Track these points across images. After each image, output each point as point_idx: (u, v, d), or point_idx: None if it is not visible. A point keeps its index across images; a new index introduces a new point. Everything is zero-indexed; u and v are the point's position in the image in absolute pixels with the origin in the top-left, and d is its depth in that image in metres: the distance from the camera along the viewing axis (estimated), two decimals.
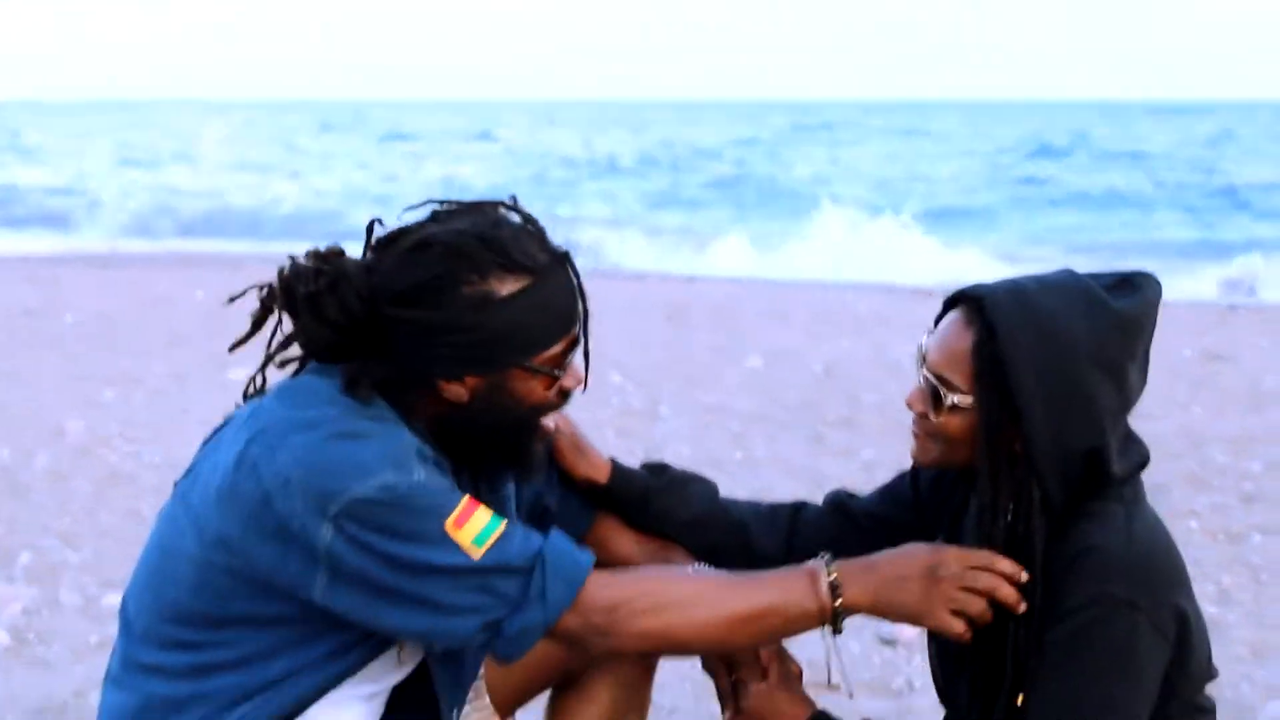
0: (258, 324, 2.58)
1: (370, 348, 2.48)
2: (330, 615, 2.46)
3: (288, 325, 2.57)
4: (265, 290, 2.55)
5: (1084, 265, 2.75)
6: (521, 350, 2.46)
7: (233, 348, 2.64)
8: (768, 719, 2.71)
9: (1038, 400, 2.48)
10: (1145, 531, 2.53)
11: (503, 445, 2.57)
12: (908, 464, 2.81)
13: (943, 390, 2.56)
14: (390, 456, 2.39)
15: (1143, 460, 2.61)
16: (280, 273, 2.52)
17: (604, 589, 2.44)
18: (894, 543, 2.85)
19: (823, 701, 4.79)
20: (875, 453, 8.97)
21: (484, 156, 46.81)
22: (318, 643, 2.50)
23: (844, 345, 13.21)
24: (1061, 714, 2.46)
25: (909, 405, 2.64)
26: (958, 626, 2.49)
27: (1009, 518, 2.53)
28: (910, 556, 2.52)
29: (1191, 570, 6.88)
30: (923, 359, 2.62)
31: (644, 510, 2.93)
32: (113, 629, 5.58)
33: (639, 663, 2.89)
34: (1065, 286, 2.54)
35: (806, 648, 5.64)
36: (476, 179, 34.90)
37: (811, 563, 2.50)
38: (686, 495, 2.95)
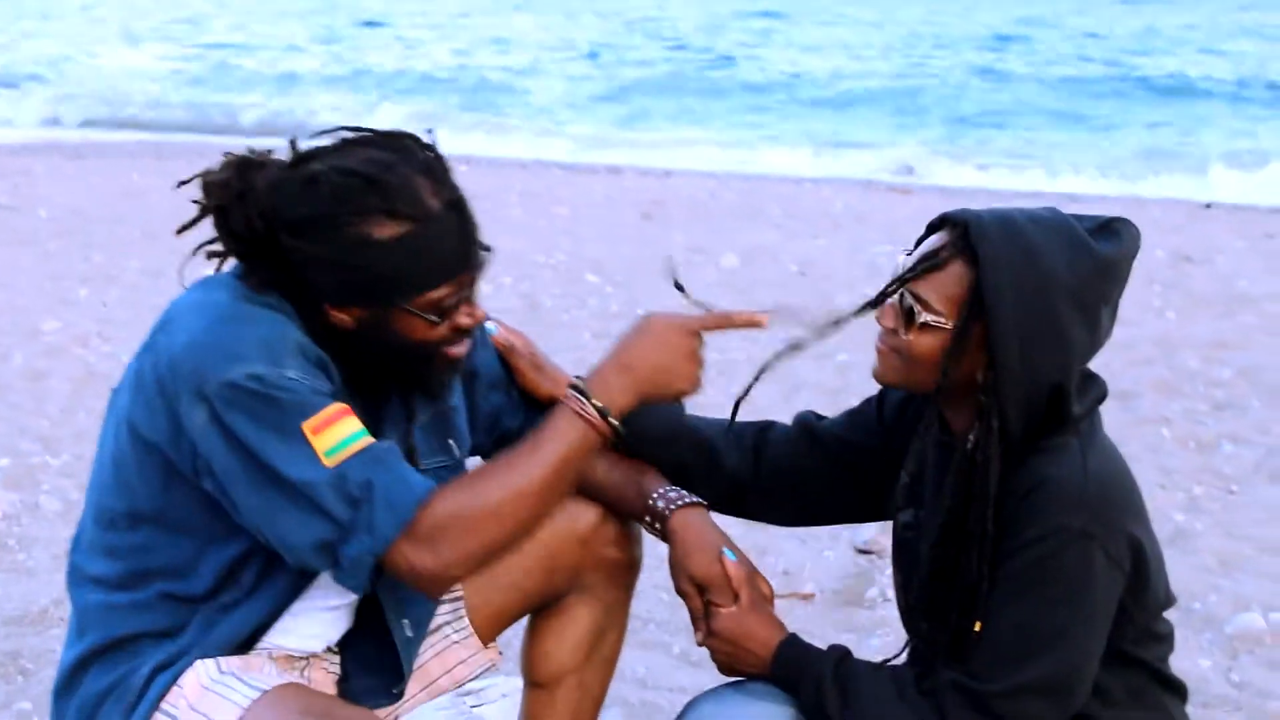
0: (202, 212, 2.65)
1: (274, 259, 2.56)
2: (230, 517, 2.54)
3: None
4: (202, 183, 2.65)
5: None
6: (398, 293, 2.51)
7: (179, 231, 2.71)
8: (739, 642, 2.75)
9: (1012, 330, 2.52)
10: (1100, 463, 2.58)
11: (395, 372, 2.63)
12: None
13: (917, 308, 2.59)
14: (267, 346, 2.47)
15: (1100, 396, 2.66)
16: (204, 174, 2.61)
17: (430, 517, 2.45)
18: (859, 468, 2.90)
19: (795, 614, 4.85)
20: (850, 356, 9.00)
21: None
22: (230, 544, 2.57)
23: (820, 244, 13.23)
24: (1016, 642, 2.52)
25: (879, 320, 2.67)
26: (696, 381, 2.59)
27: (967, 446, 2.57)
28: (648, 341, 2.59)
29: (1161, 479, 6.98)
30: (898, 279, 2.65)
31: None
32: None
33: (618, 584, 2.94)
34: (1051, 224, 2.57)
35: (783, 557, 5.72)
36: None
37: (568, 396, 2.54)
38: (652, 409, 2.97)
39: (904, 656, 2.82)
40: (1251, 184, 20.09)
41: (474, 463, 3.02)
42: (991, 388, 2.55)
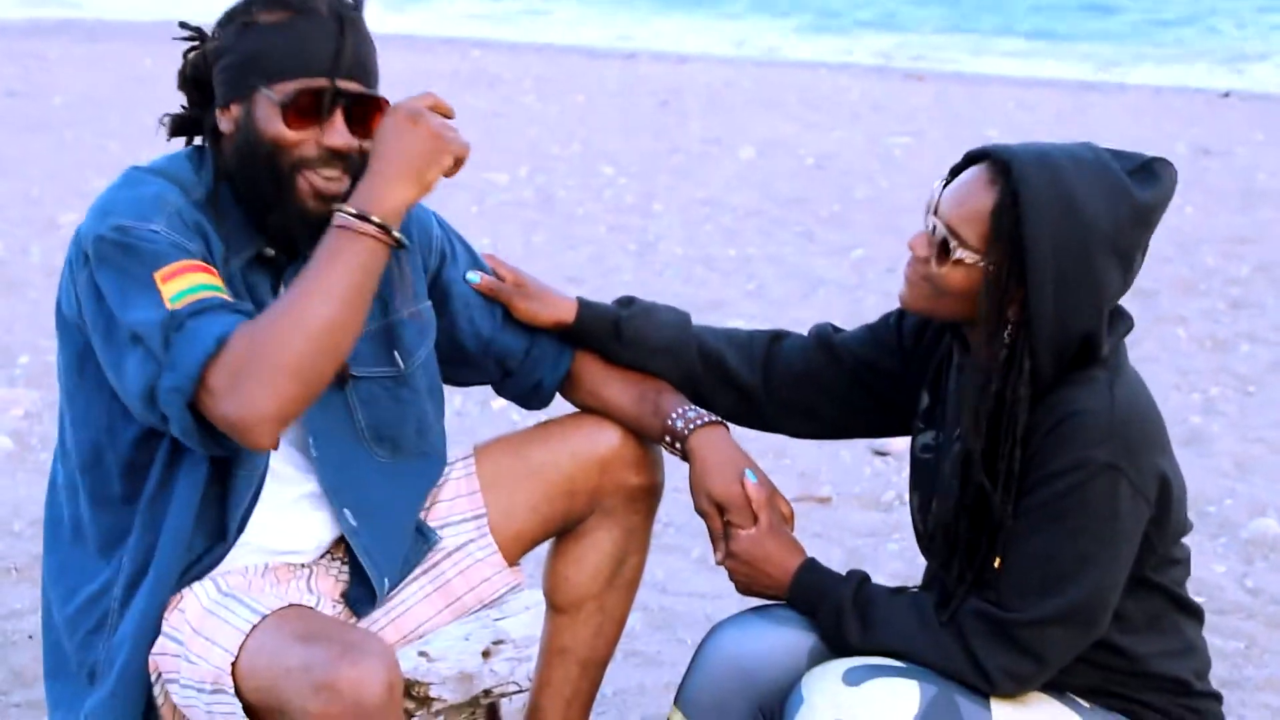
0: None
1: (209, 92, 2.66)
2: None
3: None
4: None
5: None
6: (261, 74, 2.57)
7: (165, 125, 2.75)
8: (759, 564, 2.77)
9: (1049, 273, 2.51)
10: (1127, 395, 2.58)
11: (255, 187, 2.61)
12: (898, 259, 2.83)
13: (953, 243, 2.58)
14: (139, 203, 2.54)
15: (1127, 329, 2.66)
16: (184, 55, 2.70)
17: (226, 357, 2.41)
18: (876, 386, 2.91)
19: (812, 517, 4.87)
20: (866, 251, 9.01)
21: None
22: (126, 428, 2.61)
23: (836, 136, 13.17)
24: (1041, 573, 2.54)
25: (911, 248, 2.66)
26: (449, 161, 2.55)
27: (992, 383, 2.58)
28: (387, 138, 2.54)
29: (1177, 380, 6.99)
30: (934, 207, 2.64)
31: (617, 339, 2.95)
32: None
33: (639, 509, 2.95)
34: (1092, 165, 2.55)
35: (799, 459, 5.75)
36: None
37: (334, 218, 2.51)
38: (657, 321, 2.96)
39: (919, 579, 2.84)
40: (1271, 72, 19.94)
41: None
42: (1023, 329, 2.55)
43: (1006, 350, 2.56)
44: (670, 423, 2.85)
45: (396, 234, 2.50)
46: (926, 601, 2.64)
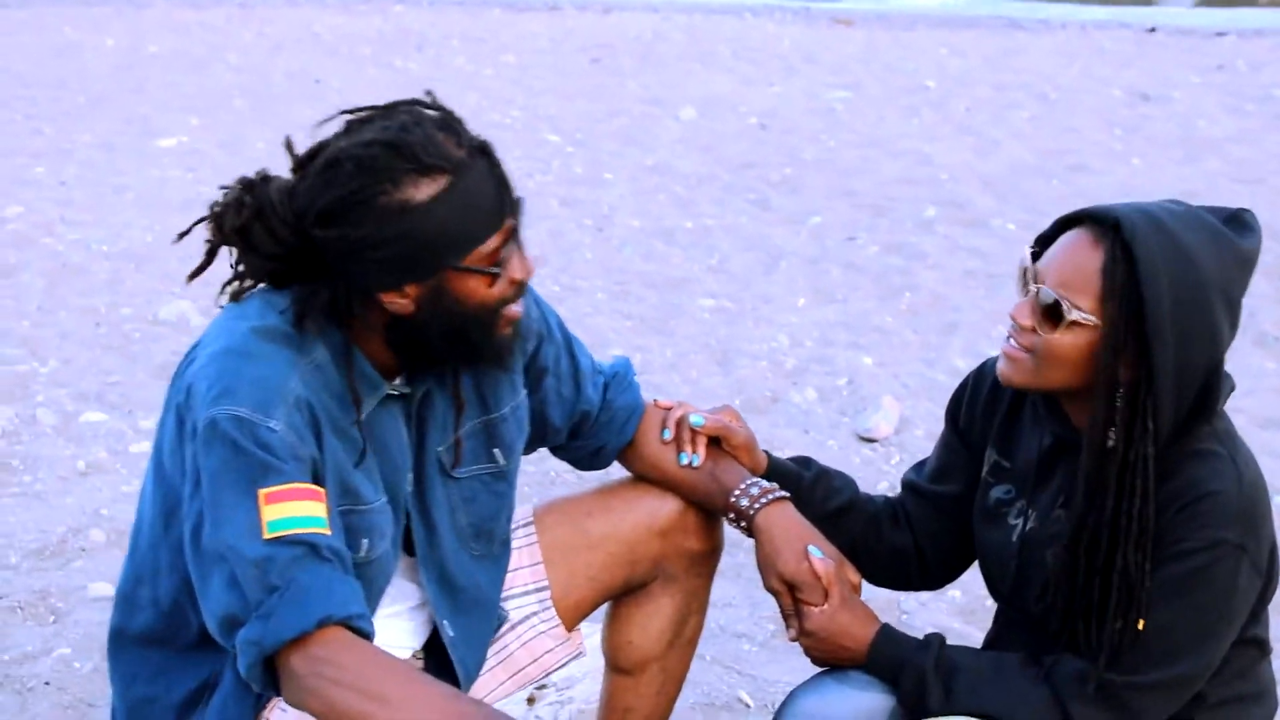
0: (211, 254, 2.56)
1: (310, 270, 2.47)
2: None
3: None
4: (208, 225, 2.54)
5: None
6: (451, 252, 2.42)
7: (190, 278, 2.61)
8: (835, 639, 2.77)
9: (1169, 328, 2.50)
10: (1250, 474, 2.60)
11: (462, 345, 2.54)
12: (855, 226, 2.84)
13: (1065, 305, 2.55)
14: (263, 389, 2.40)
15: (1231, 389, 2.66)
16: (211, 208, 2.52)
17: (331, 645, 2.33)
18: (965, 505, 2.90)
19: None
20: (824, 218, 9.00)
21: None
22: None
23: (777, 92, 13.13)
24: (1158, 640, 2.56)
25: (1014, 319, 2.62)
26: None
27: (1108, 442, 2.57)
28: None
29: None
30: (1034, 274, 2.61)
31: (797, 499, 2.95)
32: (94, 450, 5.58)
33: (700, 571, 2.94)
34: (1192, 221, 2.55)
35: (786, 448, 5.72)
36: None
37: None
38: (833, 487, 2.99)
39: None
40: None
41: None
42: (1142, 386, 2.54)
43: (1127, 410, 2.55)
44: (734, 500, 2.83)
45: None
46: (1013, 661, 2.65)
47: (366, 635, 2.39)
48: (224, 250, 2.55)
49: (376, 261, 2.41)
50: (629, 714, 2.98)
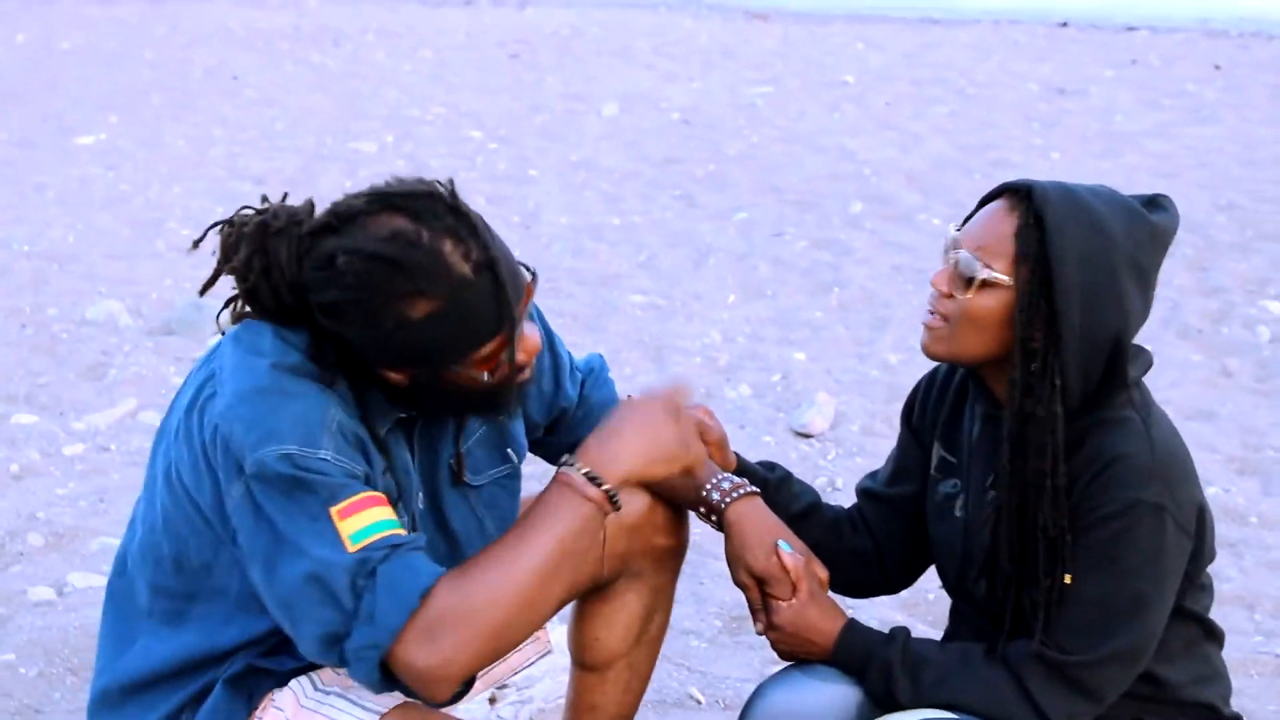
0: (220, 270, 2.55)
1: (312, 323, 2.49)
2: None
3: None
4: (219, 244, 2.54)
5: None
6: (448, 359, 2.45)
7: (202, 291, 2.61)
8: (802, 633, 2.80)
9: (1075, 287, 2.59)
10: (1163, 435, 2.67)
11: (462, 411, 2.59)
12: (782, 221, 2.89)
13: (980, 265, 2.62)
14: (304, 424, 2.40)
15: (1148, 365, 2.73)
16: (225, 239, 2.51)
17: (431, 611, 2.34)
18: (921, 504, 2.93)
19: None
20: (750, 214, 9.04)
21: None
22: (264, 618, 2.52)
23: (696, 87, 13.17)
24: (1096, 612, 2.61)
25: (934, 285, 2.70)
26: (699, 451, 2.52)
27: (1030, 404, 2.63)
28: (645, 410, 2.51)
29: None
30: (955, 243, 2.68)
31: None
32: (26, 453, 5.52)
33: (666, 568, 2.95)
34: (1106, 193, 2.67)
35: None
36: None
37: (560, 471, 2.46)
38: (794, 492, 3.00)
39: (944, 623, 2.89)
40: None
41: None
42: (1054, 347, 2.60)
43: (1040, 370, 2.61)
44: (706, 494, 2.84)
45: (618, 504, 2.45)
46: (977, 651, 2.68)
47: None
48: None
49: (373, 352, 2.45)
50: (595, 711, 2.99)
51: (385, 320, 2.39)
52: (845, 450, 5.74)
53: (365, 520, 2.37)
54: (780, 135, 11.11)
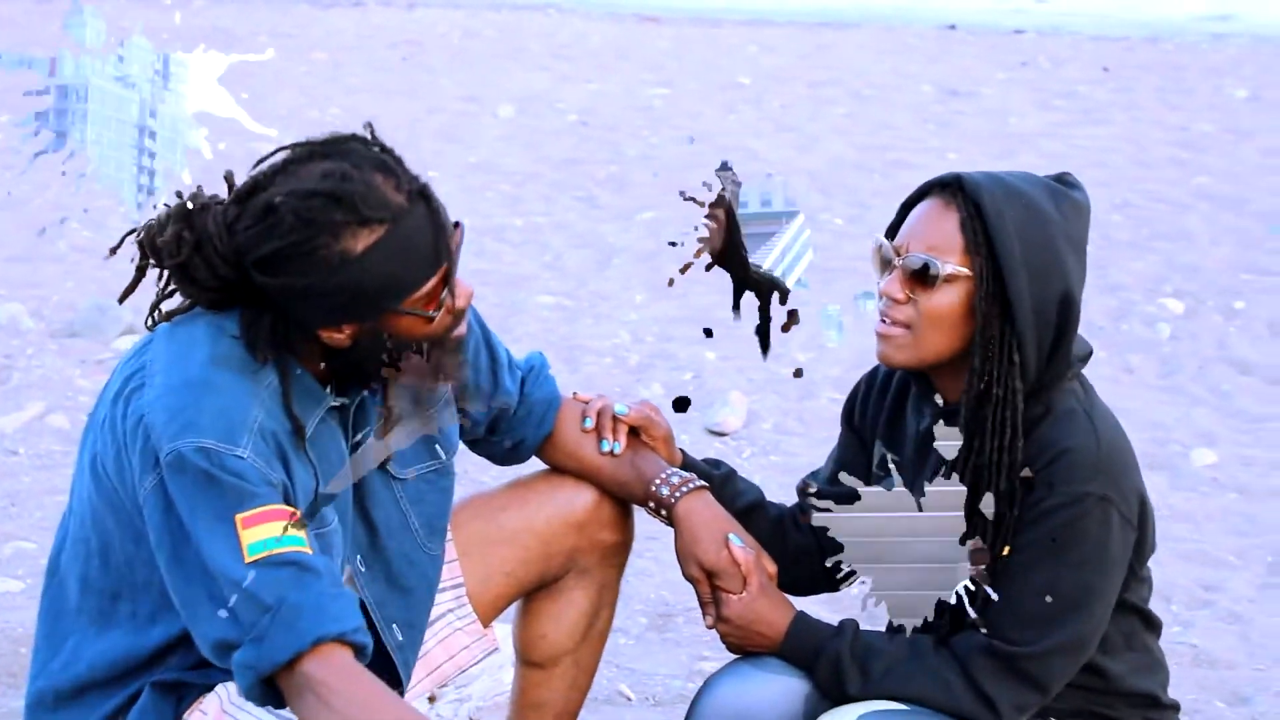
0: (140, 273, 2.55)
1: (250, 297, 2.47)
2: None
3: None
4: (138, 248, 2.52)
5: None
6: (390, 297, 2.44)
7: (121, 299, 2.59)
8: (751, 625, 2.80)
9: (1021, 265, 2.64)
10: (1106, 427, 2.71)
11: (405, 372, 2.56)
12: (686, 222, 2.95)
13: (936, 264, 2.65)
14: (225, 420, 2.40)
15: (1088, 353, 2.77)
16: (148, 232, 2.49)
17: (325, 665, 2.34)
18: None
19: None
20: (655, 214, 9.05)
21: None
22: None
23: (592, 89, 13.17)
24: (1042, 604, 2.65)
25: (886, 295, 2.71)
26: None
27: (980, 385, 2.67)
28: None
29: None
30: (894, 250, 2.70)
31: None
32: None
33: (612, 564, 2.95)
34: (1024, 176, 2.73)
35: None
36: None
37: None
38: (739, 489, 3.02)
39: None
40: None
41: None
42: (1009, 324, 2.65)
43: (997, 350, 2.66)
44: (655, 489, 2.84)
45: None
46: (926, 642, 2.70)
47: (363, 647, 2.39)
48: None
49: (316, 306, 2.43)
50: (541, 708, 2.98)
51: (329, 259, 2.38)
52: (759, 448, 5.77)
53: (267, 533, 2.37)
54: (679, 136, 11.14)
